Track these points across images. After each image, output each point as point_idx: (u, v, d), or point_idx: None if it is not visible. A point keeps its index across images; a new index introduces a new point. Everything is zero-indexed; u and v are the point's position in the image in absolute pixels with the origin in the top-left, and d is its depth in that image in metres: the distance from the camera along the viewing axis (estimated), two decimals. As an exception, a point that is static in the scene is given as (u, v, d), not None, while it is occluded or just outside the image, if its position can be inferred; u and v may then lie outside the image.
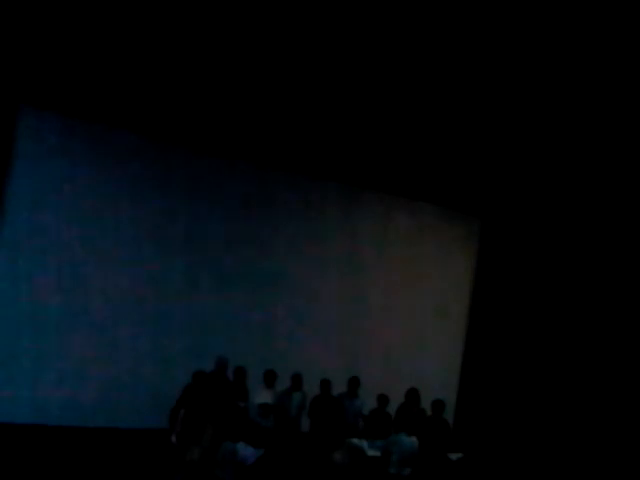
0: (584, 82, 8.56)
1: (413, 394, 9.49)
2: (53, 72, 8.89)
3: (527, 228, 12.00)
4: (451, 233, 12.36)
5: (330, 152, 10.85)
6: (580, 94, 8.83)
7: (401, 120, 10.19)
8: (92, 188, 9.51)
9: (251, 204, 10.62)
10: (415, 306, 11.85)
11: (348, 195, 11.43)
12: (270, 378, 9.31)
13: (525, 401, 11.37)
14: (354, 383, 9.71)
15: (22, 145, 9.04)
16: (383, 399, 9.51)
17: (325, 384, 9.52)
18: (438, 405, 9.30)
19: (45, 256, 9.13)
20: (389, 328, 11.56)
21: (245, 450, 7.67)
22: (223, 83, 9.43)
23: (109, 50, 8.76)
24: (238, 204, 10.53)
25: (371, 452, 8.14)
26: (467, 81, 8.99)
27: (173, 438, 8.09)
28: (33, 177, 9.12)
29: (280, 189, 10.88)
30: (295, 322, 10.80)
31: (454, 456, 9.08)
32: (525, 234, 12.02)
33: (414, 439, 8.33)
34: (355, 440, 8.34)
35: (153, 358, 9.67)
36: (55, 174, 9.25)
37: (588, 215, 11.12)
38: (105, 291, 9.56)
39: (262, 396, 9.14)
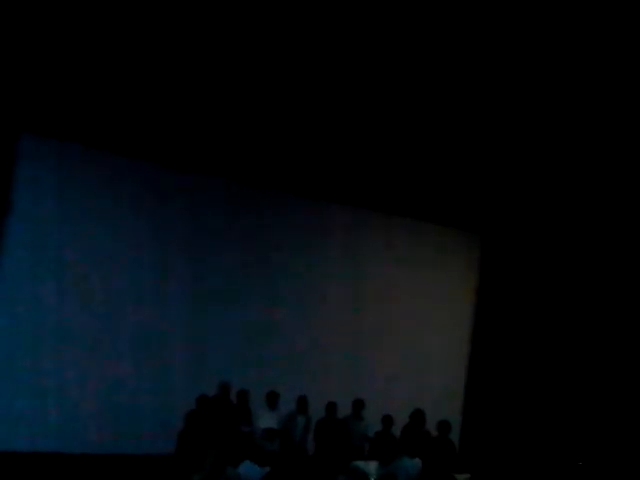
0: (579, 98, 8.60)
1: (418, 415, 9.39)
2: (53, 99, 8.93)
3: (527, 242, 12.01)
4: (452, 250, 12.37)
5: (332, 174, 10.89)
6: (575, 110, 8.88)
7: (400, 142, 10.23)
8: (94, 214, 9.55)
9: (252, 227, 10.64)
10: (418, 325, 11.81)
11: (350, 216, 11.45)
12: (272, 399, 9.28)
13: (531, 419, 11.28)
14: (358, 405, 9.67)
15: (23, 172, 9.05)
16: (388, 420, 9.41)
17: (330, 407, 9.47)
18: (444, 426, 9.20)
19: (45, 284, 9.15)
20: (392, 348, 11.50)
21: (250, 470, 7.53)
22: (226, 107, 9.48)
23: (108, 76, 8.81)
24: (238, 226, 10.54)
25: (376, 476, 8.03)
26: (464, 100, 9.04)
27: (180, 464, 8.03)
28: (34, 205, 9.15)
29: (281, 212, 10.90)
30: (297, 344, 10.75)
31: (461, 477, 8.97)
32: (525, 248, 12.03)
33: (417, 460, 8.25)
34: (360, 463, 8.24)
35: (155, 384, 9.62)
36: (56, 202, 9.28)
37: (587, 227, 11.11)
38: (105, 315, 9.55)
39: (265, 418, 9.12)
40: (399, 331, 11.64)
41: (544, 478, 10.58)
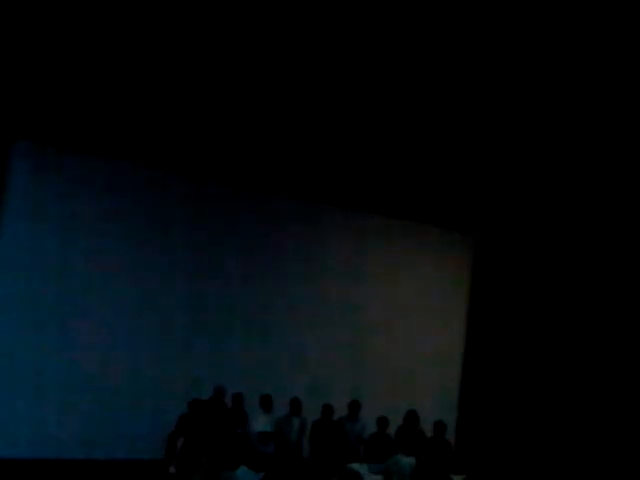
0: (569, 103, 8.62)
1: (412, 416, 9.41)
2: (47, 106, 8.95)
3: (519, 242, 12.04)
4: (447, 251, 12.40)
5: (331, 179, 10.97)
6: (567, 113, 8.89)
7: (397, 148, 10.29)
8: (93, 219, 9.59)
9: (252, 231, 10.68)
10: (416, 324, 11.83)
11: (348, 219, 11.50)
12: (267, 403, 9.26)
13: (526, 419, 11.28)
14: (354, 406, 9.65)
15: (16, 180, 9.10)
16: (383, 422, 9.40)
17: (327, 409, 9.44)
18: (439, 426, 9.24)
19: (41, 292, 9.17)
20: (390, 348, 11.54)
21: (246, 475, 7.55)
22: (225, 111, 9.46)
23: (102, 83, 8.81)
24: (239, 230, 10.58)
25: (370, 477, 8.06)
26: (458, 105, 9.06)
27: (172, 469, 8.03)
28: (28, 209, 9.18)
29: (280, 215, 10.93)
30: (297, 346, 10.79)
31: (457, 478, 8.98)
32: (517, 248, 12.06)
33: (412, 459, 8.30)
34: (355, 465, 8.27)
35: (152, 389, 9.62)
36: (50, 207, 9.30)
37: (578, 228, 11.14)
38: (104, 323, 9.57)
39: (260, 422, 9.11)
40: (397, 330, 11.66)
41: (539, 478, 10.60)
